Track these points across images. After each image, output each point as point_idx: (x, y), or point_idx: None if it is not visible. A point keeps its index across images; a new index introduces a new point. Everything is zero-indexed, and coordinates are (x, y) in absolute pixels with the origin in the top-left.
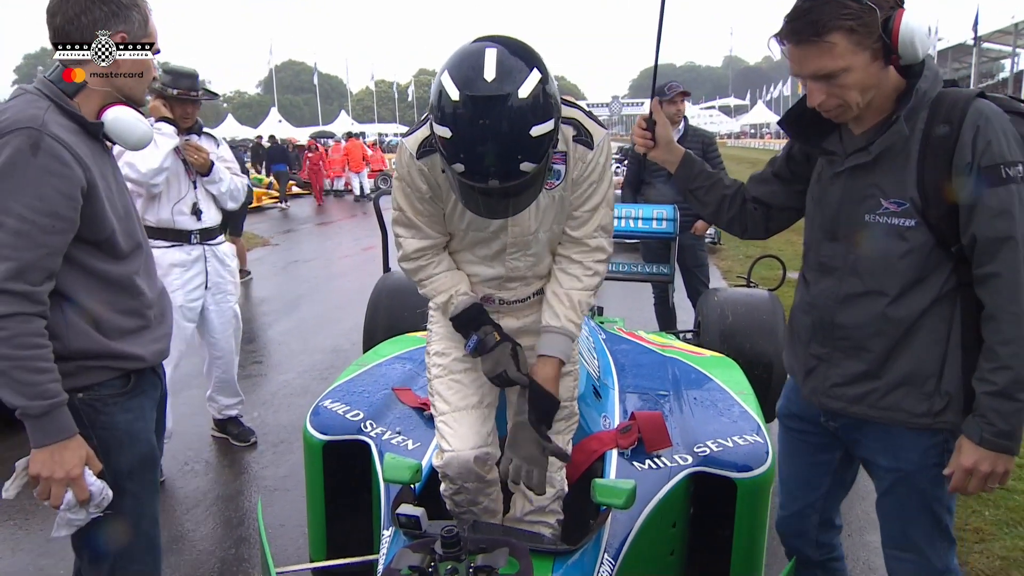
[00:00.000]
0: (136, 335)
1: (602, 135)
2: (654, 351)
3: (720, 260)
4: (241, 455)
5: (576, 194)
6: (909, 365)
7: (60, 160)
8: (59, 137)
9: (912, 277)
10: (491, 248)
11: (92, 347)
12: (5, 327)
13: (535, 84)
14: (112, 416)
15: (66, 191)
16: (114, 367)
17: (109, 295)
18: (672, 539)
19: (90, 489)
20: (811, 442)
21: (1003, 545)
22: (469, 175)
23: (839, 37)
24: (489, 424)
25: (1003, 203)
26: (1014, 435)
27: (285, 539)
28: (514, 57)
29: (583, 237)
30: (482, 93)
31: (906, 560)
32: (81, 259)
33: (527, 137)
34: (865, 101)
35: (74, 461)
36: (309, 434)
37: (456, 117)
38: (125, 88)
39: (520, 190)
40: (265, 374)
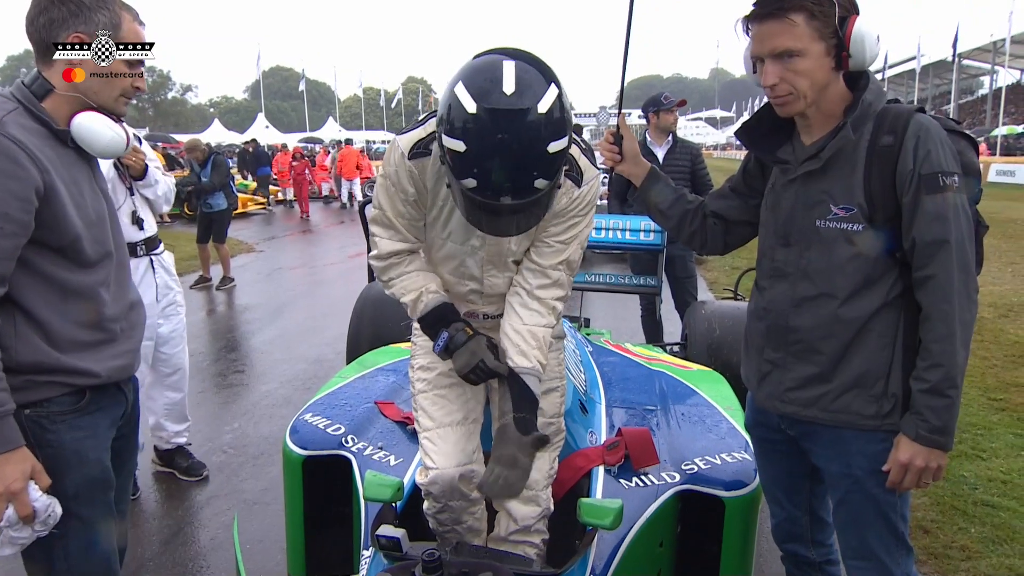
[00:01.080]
0: (94, 349)
1: (593, 174)
2: (641, 364)
3: (706, 271)
4: (220, 469)
5: (555, 223)
6: (859, 368)
7: (13, 160)
8: (15, 138)
9: (860, 280)
10: (467, 265)
11: (42, 360)
12: None
13: (553, 99)
14: (59, 434)
15: (18, 192)
16: (65, 383)
17: (67, 305)
18: (659, 559)
19: (34, 506)
20: (781, 450)
21: (989, 563)
22: (480, 191)
23: (800, 18)
24: (474, 441)
25: (940, 209)
26: (947, 431)
27: (263, 555)
28: (532, 71)
29: (547, 267)
30: (501, 106)
31: (866, 569)
32: (40, 265)
33: (544, 153)
34: (812, 96)
35: (15, 475)
36: (288, 449)
37: (471, 130)
38: (90, 92)
39: (529, 207)
40: (247, 383)
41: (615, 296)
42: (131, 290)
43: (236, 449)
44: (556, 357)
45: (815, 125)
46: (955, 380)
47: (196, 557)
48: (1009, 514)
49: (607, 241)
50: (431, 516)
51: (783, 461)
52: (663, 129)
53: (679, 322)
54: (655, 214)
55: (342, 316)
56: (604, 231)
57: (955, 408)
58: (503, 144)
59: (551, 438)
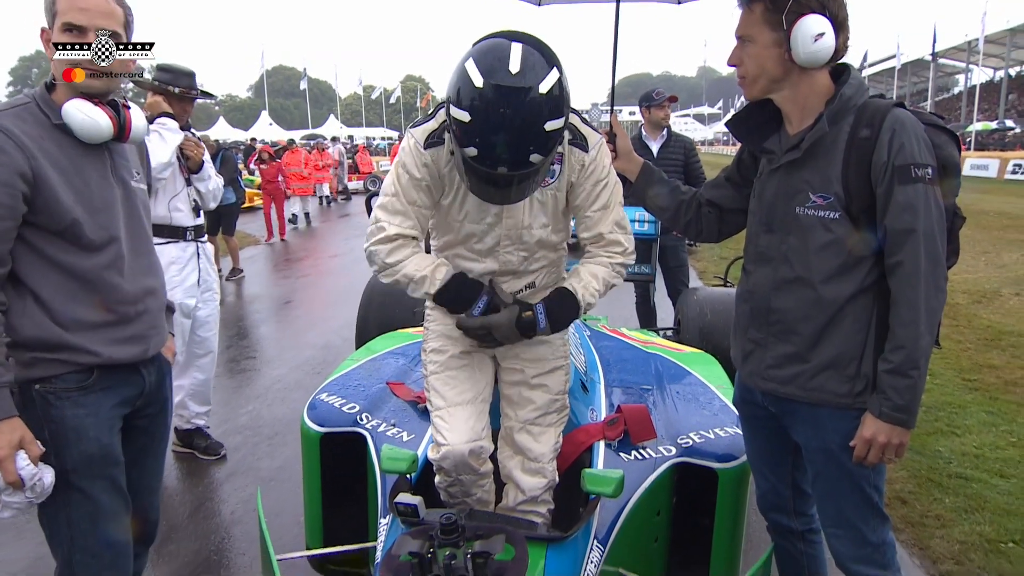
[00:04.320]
0: (100, 330)
1: (597, 138)
2: (637, 347)
3: (697, 261)
4: (237, 448)
5: (583, 196)
6: (834, 349)
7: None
8: (5, 128)
9: (836, 265)
10: (485, 242)
11: (46, 337)
12: None
13: (554, 82)
14: (62, 410)
15: (3, 178)
16: (70, 360)
17: (71, 286)
18: (657, 527)
19: (19, 473)
20: (765, 426)
21: (961, 530)
22: (480, 160)
23: (759, 8)
24: (483, 419)
25: (910, 199)
26: (909, 409)
27: (282, 528)
28: (537, 54)
29: (601, 234)
30: (506, 83)
31: (844, 537)
32: (43, 248)
33: (541, 130)
34: (755, 76)
35: (3, 443)
36: (307, 426)
37: (476, 103)
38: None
39: (525, 178)
40: (259, 369)
41: None
42: (150, 276)
43: (252, 430)
44: (561, 337)
45: (797, 117)
46: (917, 362)
47: (219, 529)
48: (981, 485)
49: None
50: (443, 489)
51: (767, 436)
52: (655, 124)
53: (671, 308)
54: (651, 207)
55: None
56: None
57: (917, 388)
58: (505, 118)
59: (558, 412)
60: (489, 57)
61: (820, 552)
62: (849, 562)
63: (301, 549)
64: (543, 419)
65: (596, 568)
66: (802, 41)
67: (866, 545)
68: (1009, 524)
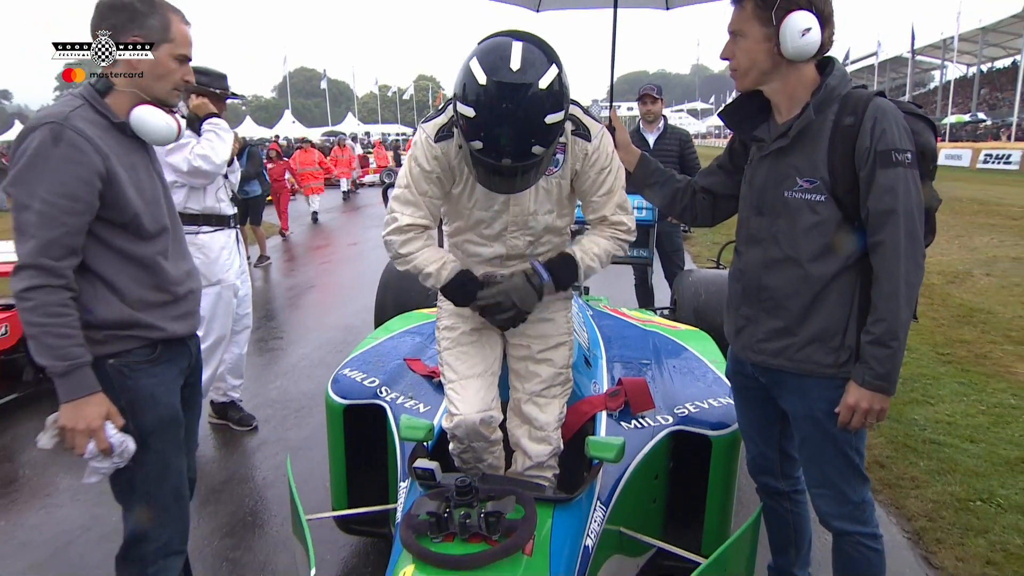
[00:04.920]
0: (160, 308)
1: (599, 128)
2: (636, 325)
3: (691, 246)
4: (268, 420)
5: (588, 183)
6: (820, 323)
7: (78, 149)
8: (80, 130)
9: (822, 244)
10: (493, 228)
11: (118, 317)
12: (32, 297)
13: (553, 77)
14: (137, 380)
15: (84, 176)
16: (140, 336)
17: (135, 271)
18: (655, 490)
19: (110, 441)
20: (755, 396)
21: (934, 491)
22: (485, 152)
23: (750, 5)
24: (493, 391)
25: (891, 182)
26: (889, 377)
27: (309, 492)
28: (537, 51)
29: (605, 216)
30: (507, 80)
31: (827, 496)
32: (109, 239)
33: (542, 123)
34: (746, 69)
35: (94, 415)
36: (331, 398)
37: (481, 99)
38: (147, 89)
39: (528, 169)
40: (285, 348)
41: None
42: (188, 259)
43: (280, 403)
44: (565, 315)
45: (785, 107)
46: (897, 333)
47: (252, 492)
48: (952, 450)
49: None
50: (456, 456)
51: (757, 405)
52: (646, 117)
53: (668, 289)
54: (648, 194)
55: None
56: None
57: (897, 358)
58: (507, 113)
59: (563, 385)
60: (492, 55)
61: (805, 511)
62: (832, 519)
63: (328, 510)
64: (548, 391)
65: (599, 527)
66: (790, 36)
67: (847, 503)
68: (977, 484)
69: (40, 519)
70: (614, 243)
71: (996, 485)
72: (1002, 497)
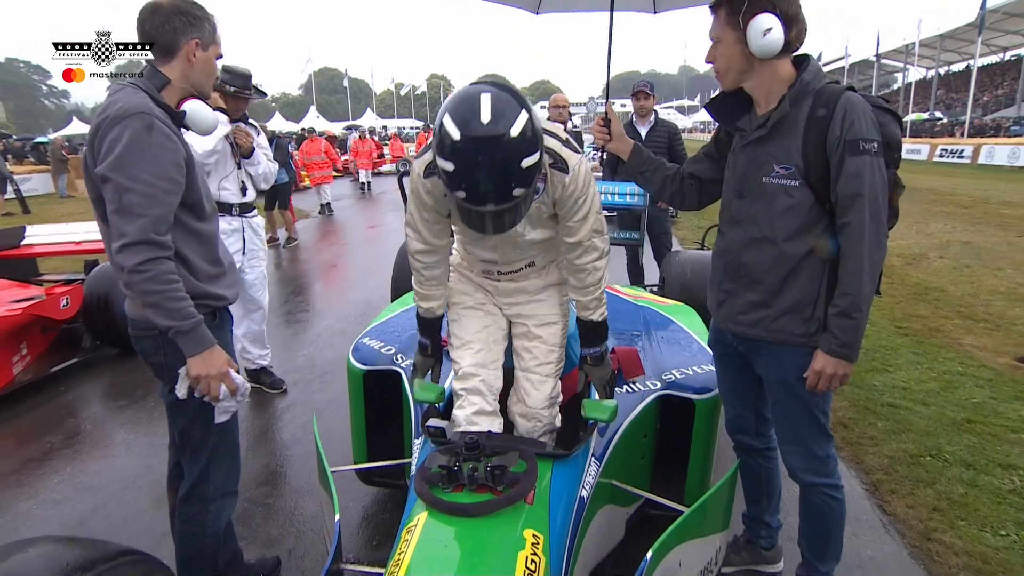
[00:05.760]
0: (219, 279)
1: (576, 160)
2: (628, 301)
3: (677, 230)
4: (295, 384)
5: (565, 209)
6: (793, 297)
7: (169, 137)
8: (163, 119)
9: (796, 225)
10: (487, 243)
11: (192, 289)
12: (150, 268)
13: (524, 123)
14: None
15: (176, 161)
16: (207, 304)
17: (200, 247)
18: (644, 447)
19: (236, 382)
20: (734, 363)
21: (890, 448)
22: (469, 200)
23: (723, 12)
24: (492, 356)
25: (858, 168)
26: (852, 346)
27: (333, 448)
28: (506, 99)
29: (579, 240)
30: (479, 134)
31: (796, 452)
32: (181, 218)
33: (518, 168)
34: (725, 70)
35: (221, 361)
36: (351, 365)
37: (457, 154)
38: (197, 84)
39: (511, 210)
40: (311, 320)
41: None
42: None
43: (307, 370)
44: (558, 298)
45: (763, 100)
46: (860, 306)
47: (283, 447)
48: (907, 412)
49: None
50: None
51: (736, 372)
52: (639, 111)
53: (657, 268)
54: (641, 180)
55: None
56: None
57: (860, 328)
58: (484, 163)
59: (555, 363)
60: (462, 110)
61: (776, 466)
62: (800, 472)
63: (349, 464)
64: (541, 368)
65: (593, 480)
66: (754, 37)
67: (814, 459)
68: (928, 442)
69: (100, 467)
70: (591, 286)
71: (943, 443)
72: (948, 453)
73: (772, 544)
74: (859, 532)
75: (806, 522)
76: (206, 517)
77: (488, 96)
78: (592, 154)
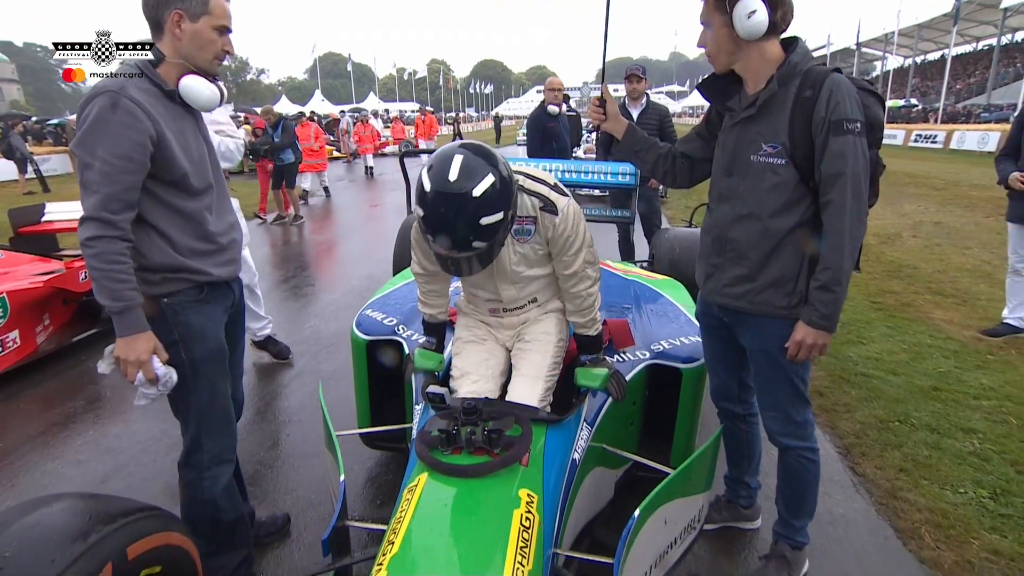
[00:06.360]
0: (206, 256)
1: (564, 202)
2: (619, 275)
3: (667, 209)
4: (302, 355)
5: (558, 247)
6: (777, 271)
7: (133, 116)
8: (134, 98)
9: (781, 202)
10: (485, 285)
11: (170, 263)
12: (94, 245)
13: (488, 185)
14: (188, 317)
15: (137, 140)
16: (188, 279)
17: (183, 223)
18: (632, 414)
19: (156, 372)
20: (720, 334)
21: (862, 414)
22: (436, 244)
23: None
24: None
25: (842, 148)
26: (832, 318)
27: (338, 415)
28: (476, 162)
29: (575, 271)
30: (444, 190)
31: (776, 417)
32: (162, 195)
33: (478, 224)
34: (715, 53)
35: (143, 349)
36: (355, 335)
37: (427, 204)
38: (189, 58)
39: (474, 259)
40: (317, 294)
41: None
42: (231, 213)
43: (313, 341)
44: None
45: (752, 81)
46: (840, 280)
47: (291, 413)
48: (878, 381)
49: (593, 182)
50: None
51: (720, 342)
52: (631, 94)
53: (647, 245)
54: (634, 159)
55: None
56: (591, 174)
57: (839, 301)
58: (446, 216)
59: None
60: (437, 167)
61: (757, 431)
62: (779, 436)
63: (354, 428)
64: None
65: (585, 444)
66: (739, 19)
67: (792, 423)
68: (897, 408)
69: (120, 431)
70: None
71: (911, 409)
72: (915, 418)
73: (751, 503)
74: (831, 492)
75: (783, 482)
76: (202, 484)
77: (460, 158)
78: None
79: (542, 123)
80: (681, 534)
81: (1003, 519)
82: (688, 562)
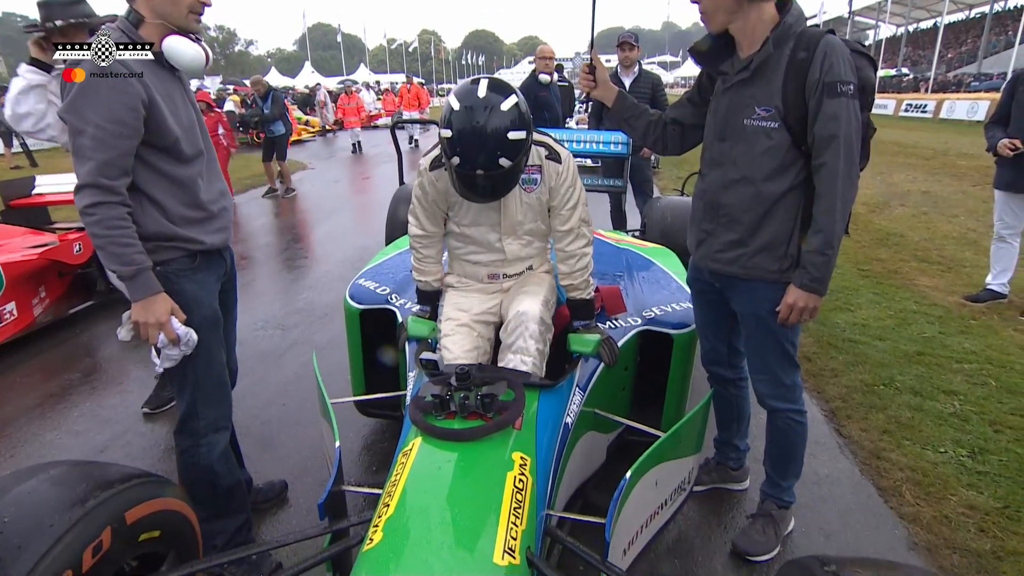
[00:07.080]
0: (198, 224)
1: (567, 155)
2: (612, 244)
3: (658, 179)
4: (296, 325)
5: (558, 198)
6: (769, 235)
7: (124, 79)
8: (124, 61)
9: (774, 166)
10: (489, 239)
11: (162, 231)
12: (95, 212)
13: (513, 103)
14: (181, 285)
15: (130, 104)
16: (181, 247)
17: (175, 191)
18: (624, 379)
19: (176, 332)
20: (711, 299)
21: (848, 379)
22: (462, 166)
23: None
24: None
25: (835, 110)
26: (823, 281)
27: (333, 383)
28: (500, 84)
29: (571, 227)
30: (474, 104)
31: (766, 380)
32: (154, 162)
33: (505, 138)
34: (713, 11)
35: (161, 310)
36: (349, 304)
37: (455, 121)
38: (165, 16)
39: (499, 180)
40: (310, 266)
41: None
42: (220, 180)
43: (307, 311)
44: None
45: (747, 43)
46: (832, 243)
47: (286, 383)
48: (864, 347)
49: (585, 151)
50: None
51: (711, 307)
52: (623, 62)
53: (639, 214)
54: (624, 126)
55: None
56: (583, 143)
57: (830, 264)
58: (476, 129)
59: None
60: (464, 90)
61: (746, 395)
62: (768, 399)
63: (349, 396)
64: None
65: (577, 408)
66: None
67: (781, 386)
68: (882, 373)
69: (116, 401)
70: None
71: (896, 373)
72: (899, 382)
73: (740, 465)
74: (817, 453)
75: (771, 444)
76: (199, 451)
77: (486, 81)
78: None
79: (533, 92)
80: (671, 495)
81: (980, 476)
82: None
